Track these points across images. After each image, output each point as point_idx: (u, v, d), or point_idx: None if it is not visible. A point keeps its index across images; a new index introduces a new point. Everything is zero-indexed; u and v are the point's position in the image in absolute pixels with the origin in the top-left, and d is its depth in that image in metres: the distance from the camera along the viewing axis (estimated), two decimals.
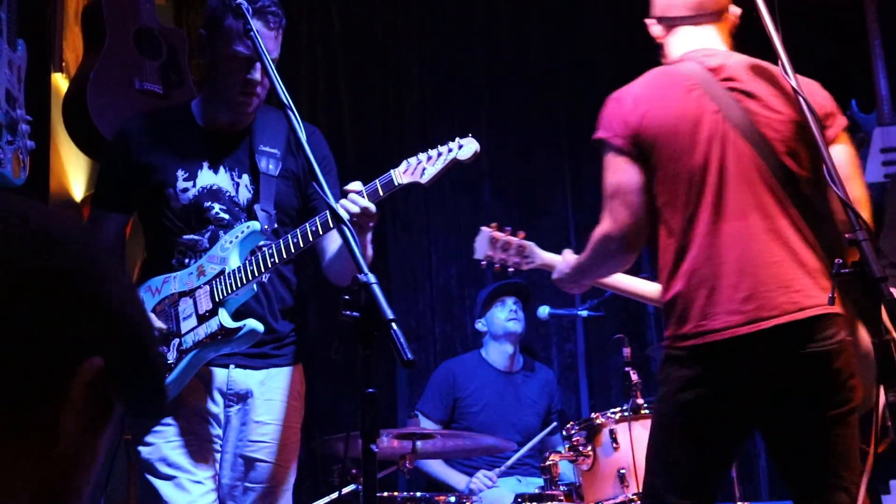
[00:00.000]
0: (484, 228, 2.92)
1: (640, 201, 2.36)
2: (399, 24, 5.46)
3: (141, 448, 2.54)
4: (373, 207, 2.42)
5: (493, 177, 5.42)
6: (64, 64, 3.78)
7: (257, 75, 2.56)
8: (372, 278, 1.78)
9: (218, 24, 2.56)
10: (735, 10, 2.52)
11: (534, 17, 5.54)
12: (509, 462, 4.18)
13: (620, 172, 2.37)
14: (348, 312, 1.76)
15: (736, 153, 2.33)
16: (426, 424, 4.42)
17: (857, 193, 2.29)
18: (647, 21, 2.57)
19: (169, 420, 2.54)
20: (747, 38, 2.61)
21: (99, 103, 3.44)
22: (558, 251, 2.72)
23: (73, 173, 3.86)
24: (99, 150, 3.53)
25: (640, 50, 5.25)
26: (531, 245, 2.87)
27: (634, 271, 2.83)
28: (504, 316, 4.52)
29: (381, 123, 5.35)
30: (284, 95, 2.03)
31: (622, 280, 2.81)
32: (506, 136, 5.41)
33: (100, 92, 3.46)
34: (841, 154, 2.31)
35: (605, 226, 2.38)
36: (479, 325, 4.65)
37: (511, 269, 2.90)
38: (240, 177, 2.66)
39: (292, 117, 2.00)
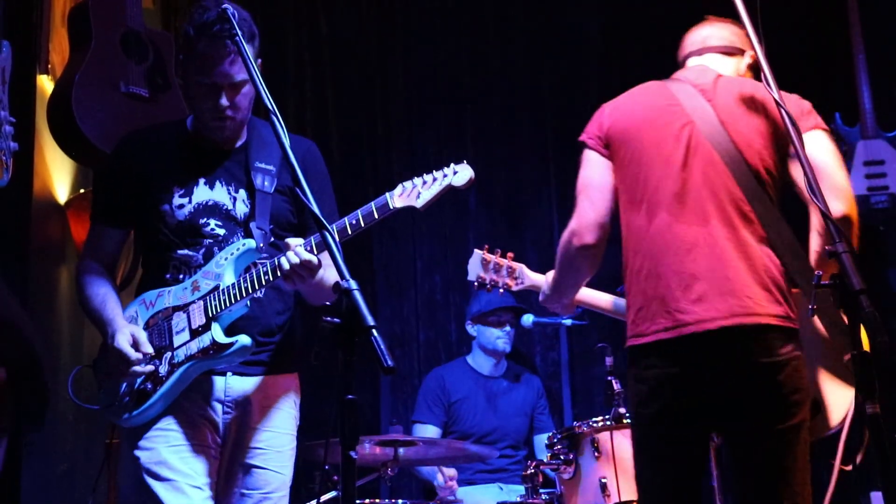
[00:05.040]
0: (476, 251, 3.09)
1: (604, 199, 2.48)
2: (386, 33, 5.46)
3: (139, 453, 2.52)
4: (314, 260, 2.41)
5: (479, 185, 5.38)
6: (50, 66, 3.76)
7: (224, 101, 2.54)
8: (353, 284, 1.78)
9: (189, 49, 2.55)
10: (749, 55, 2.61)
11: (520, 27, 5.55)
12: None
13: (589, 169, 2.52)
14: (329, 318, 1.76)
15: (704, 162, 2.39)
16: (426, 433, 4.45)
17: (838, 181, 2.33)
18: None
19: (170, 425, 2.53)
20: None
21: (83, 106, 3.43)
22: (543, 259, 2.78)
23: (58, 176, 3.85)
24: (83, 153, 3.52)
25: (627, 60, 5.31)
26: (521, 266, 3.04)
27: (612, 287, 2.90)
28: (496, 335, 4.64)
29: (368, 132, 5.34)
30: (269, 101, 2.03)
31: (599, 298, 2.93)
32: (491, 144, 5.41)
33: (84, 94, 3.44)
34: (816, 144, 2.34)
35: (570, 224, 2.51)
36: (470, 330, 4.74)
37: (501, 290, 3.06)
38: (237, 191, 2.65)
39: (276, 123, 2.00)
